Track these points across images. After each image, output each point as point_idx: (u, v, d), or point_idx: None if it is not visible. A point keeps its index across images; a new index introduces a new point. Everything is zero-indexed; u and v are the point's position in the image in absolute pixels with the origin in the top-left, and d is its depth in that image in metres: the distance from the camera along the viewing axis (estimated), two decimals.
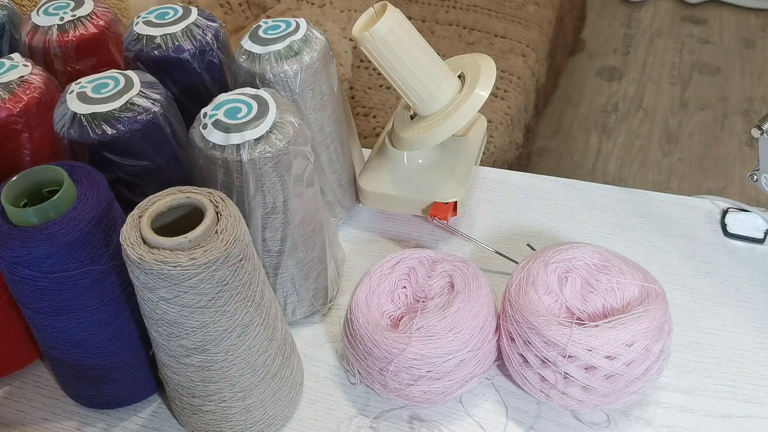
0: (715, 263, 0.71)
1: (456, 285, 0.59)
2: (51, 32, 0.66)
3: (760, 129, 0.64)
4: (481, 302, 0.57)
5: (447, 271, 0.60)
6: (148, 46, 0.64)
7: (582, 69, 2.36)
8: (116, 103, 0.56)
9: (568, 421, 0.58)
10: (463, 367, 0.56)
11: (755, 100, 2.19)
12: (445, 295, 0.59)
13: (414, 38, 0.66)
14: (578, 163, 2.03)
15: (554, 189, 0.80)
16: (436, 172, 0.73)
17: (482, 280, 0.59)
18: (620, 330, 0.52)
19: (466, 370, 0.56)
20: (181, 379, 0.53)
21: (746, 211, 0.74)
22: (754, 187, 1.05)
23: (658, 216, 0.76)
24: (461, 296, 0.57)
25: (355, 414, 0.60)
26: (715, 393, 0.60)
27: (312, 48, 0.63)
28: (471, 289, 0.58)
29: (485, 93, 0.65)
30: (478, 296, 0.57)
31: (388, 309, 0.60)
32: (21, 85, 0.59)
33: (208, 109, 0.56)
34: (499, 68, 1.52)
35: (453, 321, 0.55)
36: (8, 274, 0.50)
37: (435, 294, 0.60)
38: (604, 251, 0.59)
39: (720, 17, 2.54)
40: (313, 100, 0.65)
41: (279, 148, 0.54)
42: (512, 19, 1.72)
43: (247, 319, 0.50)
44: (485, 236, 0.75)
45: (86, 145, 0.55)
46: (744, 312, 0.66)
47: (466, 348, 0.55)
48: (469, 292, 0.57)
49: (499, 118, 1.46)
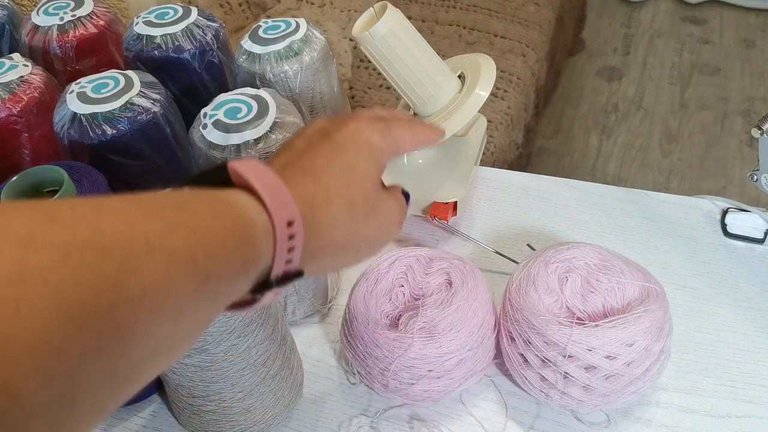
0: (715, 263, 0.71)
1: (454, 282, 0.59)
2: (51, 32, 0.66)
3: (760, 129, 0.64)
4: (479, 300, 0.57)
5: (444, 268, 0.60)
6: (148, 46, 0.64)
7: (582, 69, 2.36)
8: (116, 103, 0.56)
9: (568, 421, 0.58)
10: (464, 364, 0.56)
11: (755, 100, 2.19)
12: (443, 292, 0.59)
13: (414, 38, 0.66)
14: (578, 163, 2.03)
15: (554, 189, 0.80)
16: (436, 172, 0.73)
17: (479, 276, 0.59)
18: (620, 330, 0.52)
19: (466, 368, 0.57)
20: (181, 379, 0.53)
21: (746, 211, 0.74)
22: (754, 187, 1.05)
23: (658, 216, 0.76)
24: (460, 294, 0.57)
25: (355, 414, 0.60)
26: (715, 393, 0.60)
27: (312, 48, 0.63)
28: (469, 287, 0.58)
29: (485, 93, 0.65)
30: (476, 294, 0.57)
31: (386, 309, 0.59)
32: (21, 85, 0.59)
33: (208, 109, 0.56)
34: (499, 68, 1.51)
35: (453, 320, 0.55)
36: None
37: (433, 291, 0.60)
38: (604, 251, 0.59)
39: (720, 17, 2.54)
40: (313, 100, 0.65)
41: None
42: (512, 19, 1.72)
43: (247, 319, 0.50)
44: (485, 236, 0.75)
45: (86, 145, 0.55)
46: (744, 312, 0.66)
47: (466, 346, 0.55)
48: (467, 290, 0.57)
49: (499, 118, 1.46)
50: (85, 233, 0.25)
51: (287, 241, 0.33)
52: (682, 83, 2.27)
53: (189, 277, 0.28)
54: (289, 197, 0.34)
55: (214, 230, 0.30)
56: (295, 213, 0.34)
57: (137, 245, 0.26)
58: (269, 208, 0.33)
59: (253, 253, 0.32)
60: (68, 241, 0.24)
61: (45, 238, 0.24)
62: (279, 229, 0.33)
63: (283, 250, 0.33)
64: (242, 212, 0.32)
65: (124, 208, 0.28)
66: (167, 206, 0.29)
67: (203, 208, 0.31)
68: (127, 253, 0.26)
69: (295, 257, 0.34)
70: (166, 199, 0.30)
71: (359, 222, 0.39)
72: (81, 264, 0.24)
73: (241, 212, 0.32)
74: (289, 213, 0.33)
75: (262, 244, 0.32)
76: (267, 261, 0.33)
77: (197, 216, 0.30)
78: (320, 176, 0.38)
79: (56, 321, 0.23)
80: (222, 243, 0.30)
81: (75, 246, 0.24)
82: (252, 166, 0.34)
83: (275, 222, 0.33)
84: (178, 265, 0.27)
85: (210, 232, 0.30)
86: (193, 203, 0.31)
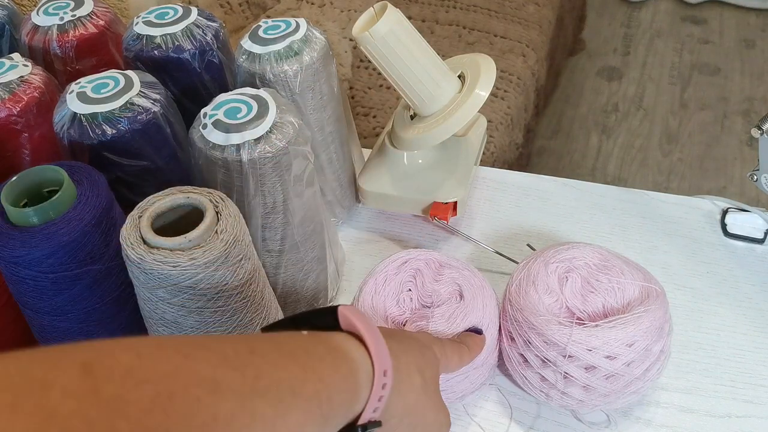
0: (715, 263, 0.71)
1: (465, 297, 0.57)
2: (51, 32, 0.66)
3: (760, 129, 0.64)
4: (488, 316, 0.57)
5: (455, 278, 0.59)
6: (148, 46, 0.64)
7: (582, 69, 2.36)
8: (116, 103, 0.56)
9: (568, 421, 0.58)
10: (467, 380, 0.56)
11: (755, 100, 2.19)
12: (453, 304, 0.58)
13: (414, 38, 0.66)
14: (578, 163, 2.03)
15: (554, 189, 0.80)
16: (436, 172, 0.73)
17: (489, 291, 0.59)
18: (620, 330, 0.52)
19: (468, 382, 0.56)
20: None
21: (746, 211, 0.74)
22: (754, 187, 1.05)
23: (658, 216, 0.76)
24: (471, 315, 0.56)
25: None
26: (715, 393, 0.60)
27: (312, 48, 0.63)
28: (479, 306, 0.57)
29: (485, 93, 0.65)
30: (486, 312, 0.57)
31: (392, 312, 0.58)
32: (21, 85, 0.59)
33: (208, 109, 0.56)
34: (499, 68, 1.52)
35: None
36: (8, 274, 0.50)
37: (442, 301, 0.58)
38: (604, 251, 0.59)
39: (720, 17, 2.54)
40: (313, 100, 0.65)
41: (279, 148, 0.54)
42: (512, 19, 1.72)
43: (247, 319, 0.50)
44: (485, 236, 0.75)
45: (86, 145, 0.55)
46: (744, 312, 0.66)
47: (472, 366, 0.55)
48: (479, 309, 0.56)
49: (499, 118, 1.46)
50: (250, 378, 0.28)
51: (381, 390, 0.35)
52: (682, 83, 2.27)
53: (317, 420, 0.31)
54: (386, 348, 0.36)
55: (334, 377, 0.33)
56: (389, 364, 0.36)
57: (285, 390, 0.29)
58: (372, 356, 0.35)
59: (357, 398, 0.34)
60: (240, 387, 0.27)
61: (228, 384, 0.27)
62: (377, 377, 0.35)
63: (376, 397, 0.35)
64: (353, 359, 0.34)
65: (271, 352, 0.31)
66: (299, 351, 0.32)
67: (323, 354, 0.33)
68: (279, 399, 0.28)
69: (381, 406, 0.36)
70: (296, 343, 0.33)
71: (428, 397, 0.41)
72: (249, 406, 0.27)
73: (352, 359, 0.34)
74: (386, 363, 0.36)
75: (363, 389, 0.34)
76: (361, 406, 0.35)
77: (322, 362, 0.32)
78: (401, 340, 0.41)
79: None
80: (339, 389, 0.33)
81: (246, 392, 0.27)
82: (359, 314, 0.36)
83: (376, 370, 0.35)
84: (313, 410, 0.30)
85: (332, 379, 0.32)
86: (315, 348, 0.33)
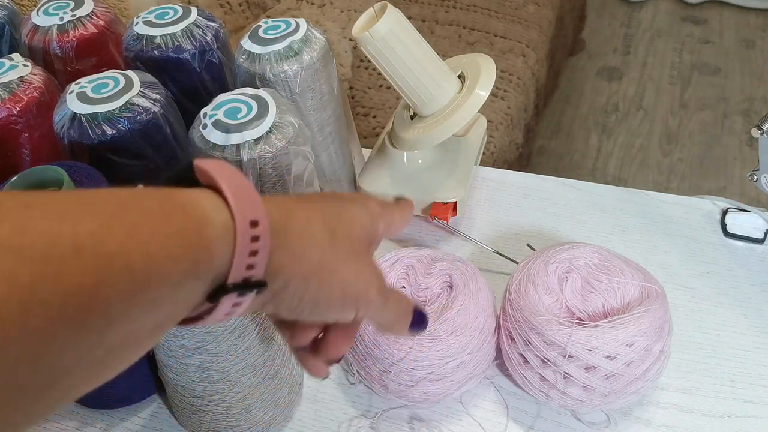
0: (715, 263, 0.71)
1: (455, 285, 0.59)
2: (51, 32, 0.66)
3: (760, 129, 0.64)
4: (480, 304, 0.57)
5: (446, 270, 0.60)
6: (148, 46, 0.64)
7: (582, 69, 2.36)
8: (116, 103, 0.56)
9: (568, 421, 0.58)
10: (464, 368, 0.56)
11: (755, 100, 2.19)
12: (444, 296, 0.59)
13: (414, 38, 0.66)
14: (578, 163, 2.03)
15: (554, 189, 0.80)
16: (436, 172, 0.73)
17: (481, 280, 0.59)
18: (620, 330, 0.52)
19: (466, 371, 0.56)
20: (182, 379, 0.53)
21: (746, 211, 0.74)
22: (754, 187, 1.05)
23: (658, 216, 0.76)
24: (461, 298, 0.57)
25: (355, 414, 0.60)
26: (715, 393, 0.60)
27: (312, 48, 0.63)
28: (470, 291, 0.57)
29: (485, 93, 0.65)
30: (477, 298, 0.57)
31: None
32: (21, 85, 0.59)
33: (208, 109, 0.56)
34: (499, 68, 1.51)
35: (454, 324, 0.55)
36: None
37: (435, 294, 0.60)
38: (604, 251, 0.59)
39: (720, 17, 2.54)
40: (313, 100, 0.65)
41: (279, 148, 0.54)
42: (512, 19, 1.72)
43: (246, 319, 0.50)
44: (485, 236, 0.75)
45: (86, 145, 0.55)
46: (744, 312, 0.66)
47: (466, 350, 0.55)
48: (468, 294, 0.57)
49: (499, 118, 1.46)
50: (4, 232, 0.23)
51: (249, 243, 0.30)
52: (682, 83, 2.27)
53: (122, 283, 0.25)
54: (256, 197, 0.31)
55: (159, 230, 0.27)
56: (261, 214, 0.31)
57: (62, 247, 0.24)
58: (231, 205, 0.30)
59: (206, 254, 0.29)
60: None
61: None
62: (240, 228, 0.30)
63: (244, 252, 0.30)
64: (196, 210, 0.29)
65: (57, 205, 0.25)
66: (107, 204, 0.27)
67: (151, 207, 0.28)
68: (47, 256, 0.23)
69: (258, 263, 0.31)
70: (109, 196, 0.28)
71: (338, 254, 0.36)
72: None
73: (195, 210, 0.29)
74: (254, 213, 0.31)
75: (219, 244, 0.29)
76: (224, 264, 0.30)
77: (142, 215, 0.27)
78: (308, 199, 0.37)
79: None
80: (166, 244, 0.27)
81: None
82: (219, 165, 0.32)
83: (236, 219, 0.30)
84: (109, 269, 0.25)
85: (153, 233, 0.27)
86: (140, 201, 0.28)
